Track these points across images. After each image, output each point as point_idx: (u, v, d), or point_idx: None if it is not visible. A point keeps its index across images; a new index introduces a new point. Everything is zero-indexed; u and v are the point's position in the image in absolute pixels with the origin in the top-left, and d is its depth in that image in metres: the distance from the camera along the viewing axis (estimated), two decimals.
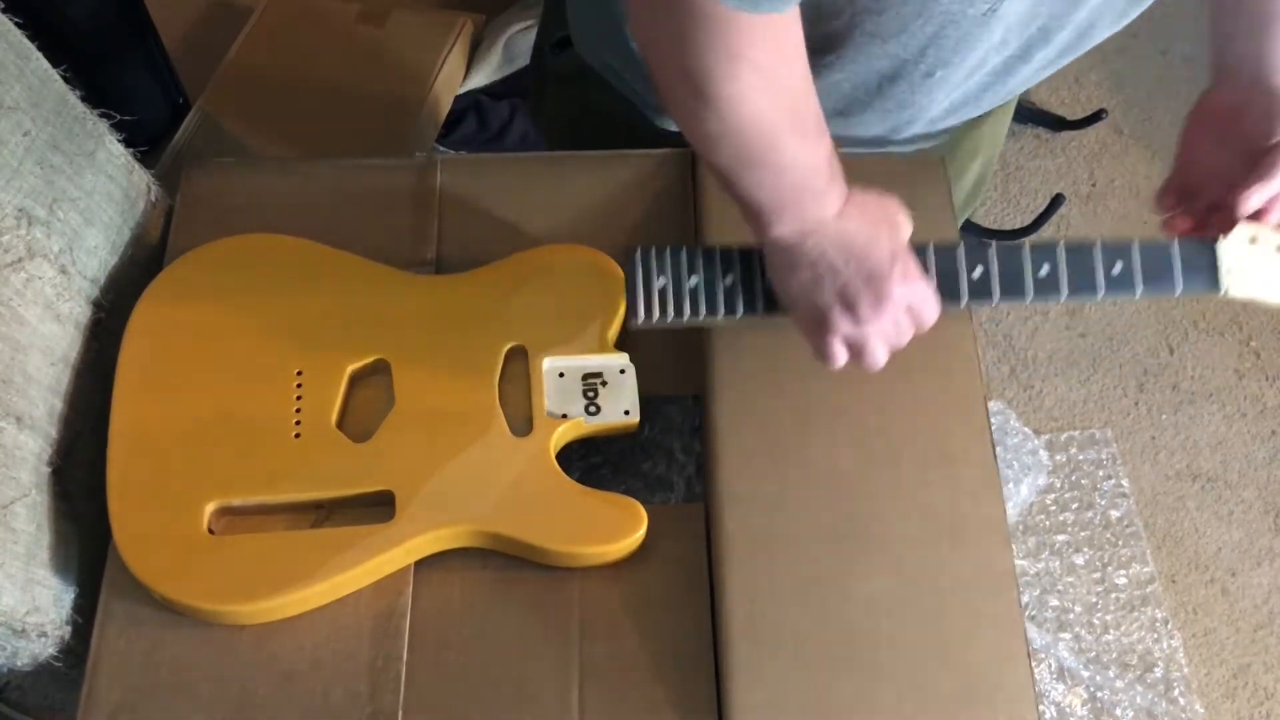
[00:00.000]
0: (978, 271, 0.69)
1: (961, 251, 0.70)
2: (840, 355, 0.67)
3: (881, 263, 0.65)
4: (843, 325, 0.66)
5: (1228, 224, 0.70)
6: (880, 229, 0.66)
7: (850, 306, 0.65)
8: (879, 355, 0.67)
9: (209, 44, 1.67)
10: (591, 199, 0.84)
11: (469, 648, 0.69)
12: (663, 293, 0.69)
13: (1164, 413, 1.63)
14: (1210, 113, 0.74)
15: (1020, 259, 0.69)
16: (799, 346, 0.78)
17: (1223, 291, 0.71)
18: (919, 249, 0.69)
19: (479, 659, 0.69)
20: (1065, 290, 0.70)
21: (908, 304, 0.67)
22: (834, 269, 0.65)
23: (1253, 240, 0.71)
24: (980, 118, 0.88)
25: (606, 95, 0.89)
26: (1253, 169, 0.69)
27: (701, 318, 0.70)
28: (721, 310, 0.70)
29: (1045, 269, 0.69)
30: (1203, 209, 0.72)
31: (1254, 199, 0.69)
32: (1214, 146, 0.73)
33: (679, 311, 0.69)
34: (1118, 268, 0.69)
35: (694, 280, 0.70)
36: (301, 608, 0.69)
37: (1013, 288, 0.70)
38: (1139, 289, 0.70)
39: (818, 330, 0.67)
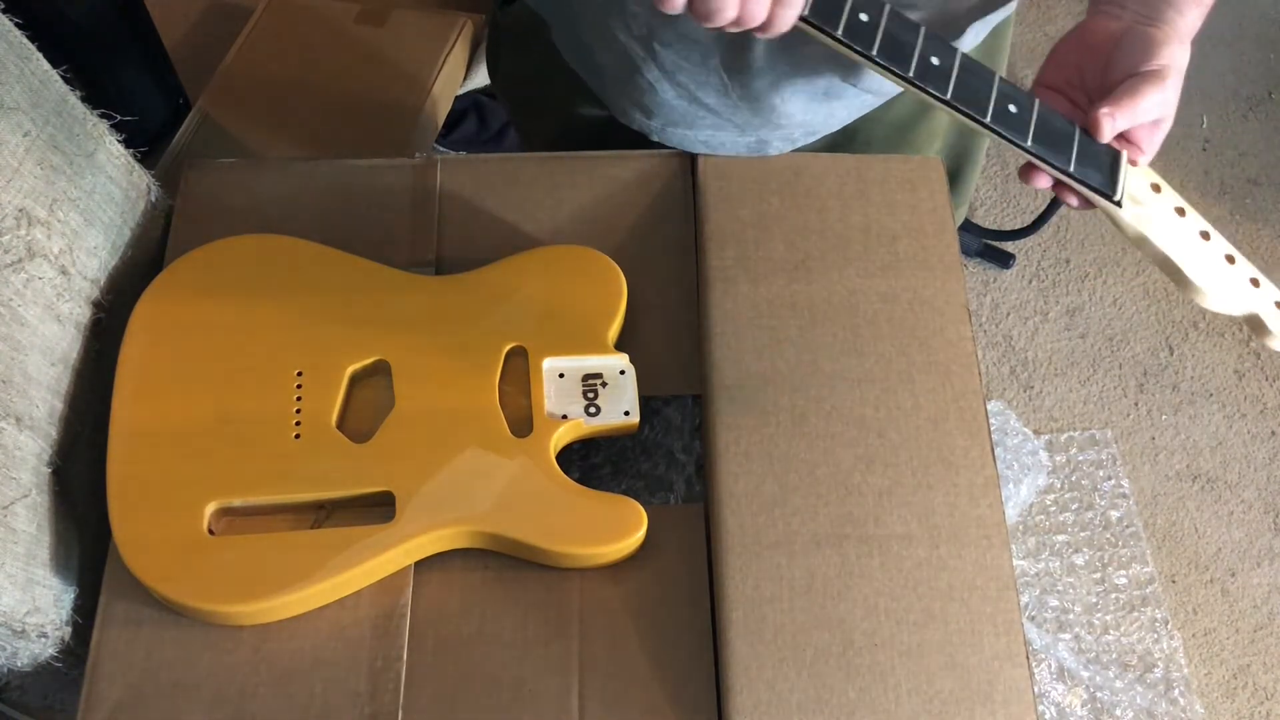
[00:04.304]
0: (864, 15, 0.63)
1: None
2: None
3: None
4: None
5: None
6: None
7: None
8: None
9: (209, 44, 1.67)
10: (591, 199, 0.84)
11: (469, 648, 0.69)
12: None
13: (1164, 413, 1.63)
14: (1084, 40, 0.70)
15: (914, 37, 0.64)
16: (799, 347, 0.78)
17: (1117, 197, 0.66)
18: None
19: (479, 659, 0.69)
20: (951, 90, 0.64)
21: None
22: None
23: (1155, 188, 0.67)
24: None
25: (553, 50, 0.89)
26: (1114, 90, 0.66)
27: None
28: None
29: (936, 60, 0.64)
30: None
31: (1119, 119, 0.65)
32: (1079, 71, 0.70)
33: None
34: (1012, 107, 0.65)
35: None
36: (301, 608, 0.69)
37: (896, 54, 0.63)
38: (1030, 139, 0.65)
39: None
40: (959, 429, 0.75)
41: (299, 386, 0.73)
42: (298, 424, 0.72)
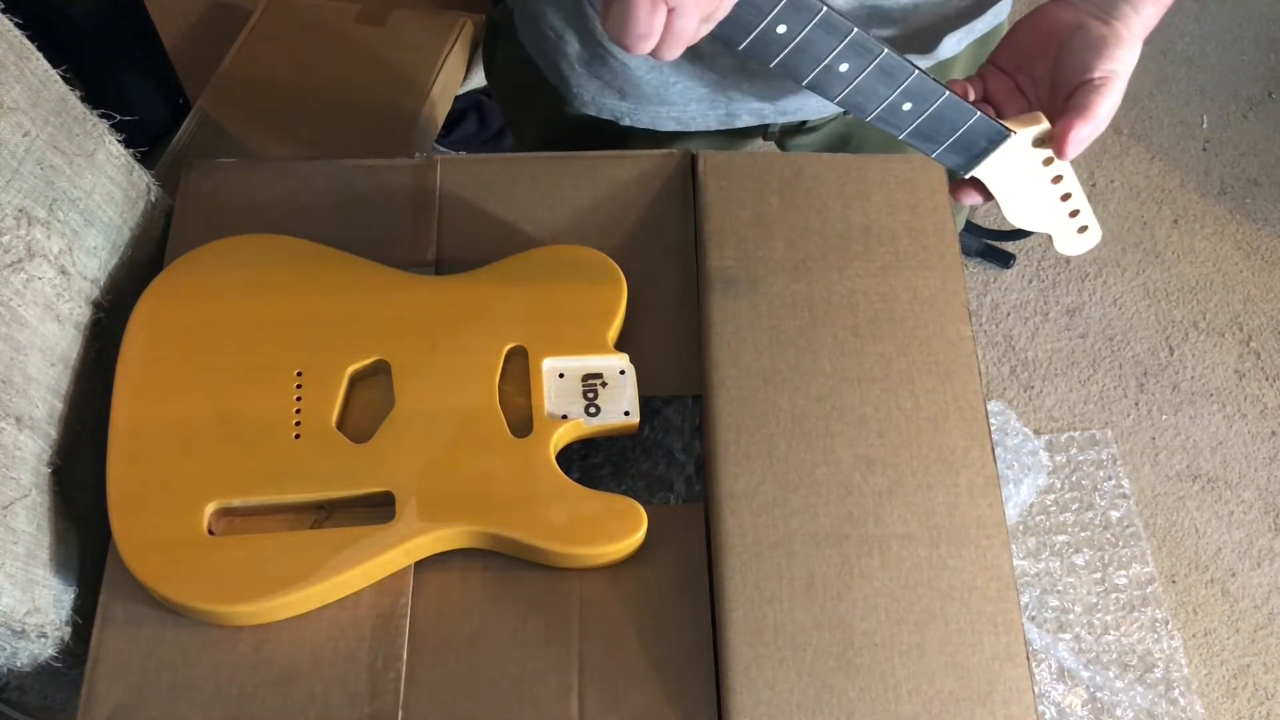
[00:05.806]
0: (781, 28, 0.60)
1: None
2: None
3: None
4: None
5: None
6: None
7: None
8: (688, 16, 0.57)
9: (209, 44, 1.67)
10: (592, 199, 0.84)
11: (469, 648, 0.69)
12: None
13: (1164, 413, 1.64)
14: (1037, 27, 0.70)
15: (831, 45, 0.61)
16: (799, 347, 0.78)
17: (966, 175, 0.68)
18: None
19: (479, 659, 0.69)
20: (843, 94, 0.64)
21: None
22: None
23: (1046, 162, 0.68)
24: None
25: (531, 50, 0.89)
26: (1069, 103, 0.65)
27: None
28: None
29: (845, 67, 0.62)
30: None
31: (1083, 135, 0.65)
32: (1028, 56, 0.70)
33: None
34: (906, 105, 0.64)
35: None
36: (301, 608, 0.69)
37: (799, 65, 0.62)
38: (905, 132, 0.66)
39: None
40: (959, 429, 0.75)
41: (299, 386, 0.73)
42: (298, 424, 0.72)
